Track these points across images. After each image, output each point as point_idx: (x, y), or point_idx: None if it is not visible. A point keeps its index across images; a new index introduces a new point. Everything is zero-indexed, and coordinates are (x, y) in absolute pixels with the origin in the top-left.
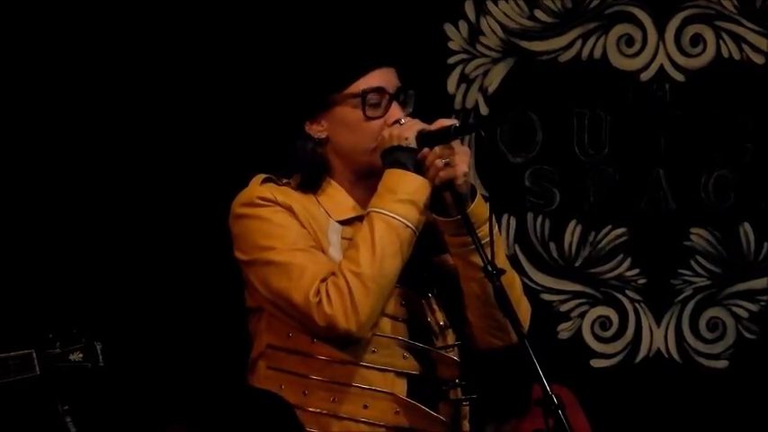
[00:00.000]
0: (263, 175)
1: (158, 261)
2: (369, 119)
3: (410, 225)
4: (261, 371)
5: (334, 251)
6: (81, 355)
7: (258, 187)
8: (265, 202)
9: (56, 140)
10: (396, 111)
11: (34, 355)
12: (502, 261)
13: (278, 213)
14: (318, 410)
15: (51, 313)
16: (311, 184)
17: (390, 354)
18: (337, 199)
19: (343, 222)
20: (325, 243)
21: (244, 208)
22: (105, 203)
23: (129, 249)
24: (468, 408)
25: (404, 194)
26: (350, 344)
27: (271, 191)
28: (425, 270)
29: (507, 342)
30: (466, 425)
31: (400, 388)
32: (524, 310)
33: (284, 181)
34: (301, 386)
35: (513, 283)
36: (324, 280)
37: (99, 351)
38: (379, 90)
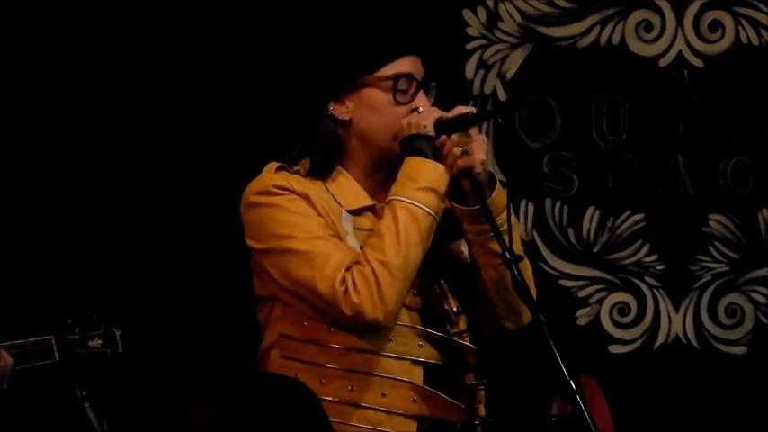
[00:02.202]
0: (276, 164)
1: (176, 247)
2: (397, 103)
3: (431, 213)
4: (274, 360)
5: (351, 240)
6: (100, 342)
7: (273, 175)
8: (281, 191)
9: (70, 127)
10: (422, 99)
11: (53, 341)
12: (518, 248)
13: (294, 202)
14: (336, 399)
15: (70, 299)
16: (323, 168)
17: (407, 342)
18: (348, 188)
19: (352, 212)
20: (342, 231)
21: (258, 196)
22: (124, 189)
23: (147, 236)
24: (483, 392)
25: (424, 182)
26: (375, 333)
27: (286, 179)
28: (436, 258)
29: (519, 325)
30: (481, 409)
31: (417, 376)
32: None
33: (294, 169)
34: (318, 375)
35: (524, 272)
36: (348, 269)
37: (118, 337)
38: (409, 77)
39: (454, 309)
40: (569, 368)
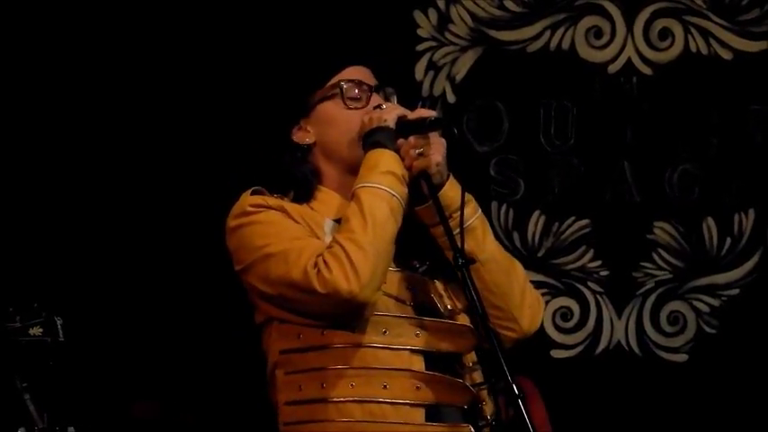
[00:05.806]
0: (251, 188)
1: (119, 234)
2: (349, 108)
3: (395, 193)
4: (279, 379)
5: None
6: (41, 330)
7: (249, 197)
8: (257, 209)
9: (14, 118)
10: (377, 99)
11: None
12: (491, 245)
13: (271, 215)
14: (340, 399)
15: (11, 287)
16: (305, 196)
17: (402, 333)
18: (330, 202)
19: (338, 221)
20: (320, 234)
21: (237, 219)
22: (65, 178)
23: (87, 224)
24: (485, 392)
25: (384, 167)
26: (356, 310)
27: (263, 198)
28: (433, 256)
29: (520, 333)
30: (485, 409)
31: (418, 364)
32: (529, 301)
33: (276, 196)
34: (319, 380)
35: (511, 271)
36: (320, 255)
37: (59, 326)
38: (357, 82)
39: (449, 306)
40: (512, 372)
